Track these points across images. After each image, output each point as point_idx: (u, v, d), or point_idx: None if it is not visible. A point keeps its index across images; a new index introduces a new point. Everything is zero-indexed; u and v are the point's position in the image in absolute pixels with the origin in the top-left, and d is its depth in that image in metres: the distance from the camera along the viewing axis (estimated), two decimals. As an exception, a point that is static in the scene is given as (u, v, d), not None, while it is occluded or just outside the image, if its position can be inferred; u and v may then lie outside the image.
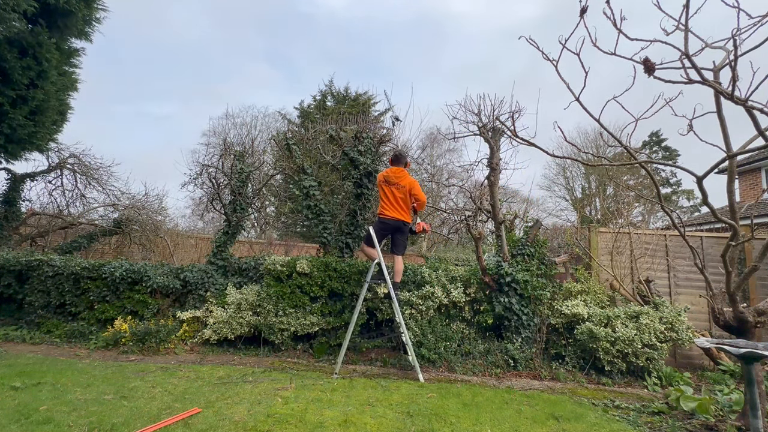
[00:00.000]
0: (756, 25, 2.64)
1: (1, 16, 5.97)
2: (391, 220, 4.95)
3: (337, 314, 5.37)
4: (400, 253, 5.09)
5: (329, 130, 6.58)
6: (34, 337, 5.60)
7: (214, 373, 4.38)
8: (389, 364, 5.04)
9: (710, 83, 2.82)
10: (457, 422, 3.24)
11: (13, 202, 8.16)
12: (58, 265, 6.06)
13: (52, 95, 7.25)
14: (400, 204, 4.97)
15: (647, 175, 3.67)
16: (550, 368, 4.91)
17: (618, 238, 5.98)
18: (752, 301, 5.74)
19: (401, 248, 5.10)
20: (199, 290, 5.88)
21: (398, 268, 5.00)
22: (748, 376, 2.81)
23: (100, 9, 7.81)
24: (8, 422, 2.89)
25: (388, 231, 5.07)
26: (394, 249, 5.12)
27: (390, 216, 4.95)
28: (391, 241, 5.19)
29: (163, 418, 3.05)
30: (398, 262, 5.03)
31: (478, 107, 5.77)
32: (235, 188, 6.48)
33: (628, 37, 2.80)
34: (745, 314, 3.45)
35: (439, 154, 21.94)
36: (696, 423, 3.46)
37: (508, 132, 4.16)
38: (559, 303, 5.24)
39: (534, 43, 3.10)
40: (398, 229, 5.02)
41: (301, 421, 3.11)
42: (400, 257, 5.09)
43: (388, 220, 4.96)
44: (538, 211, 24.24)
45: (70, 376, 4.04)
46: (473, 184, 8.68)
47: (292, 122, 20.89)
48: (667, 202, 5.49)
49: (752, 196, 12.65)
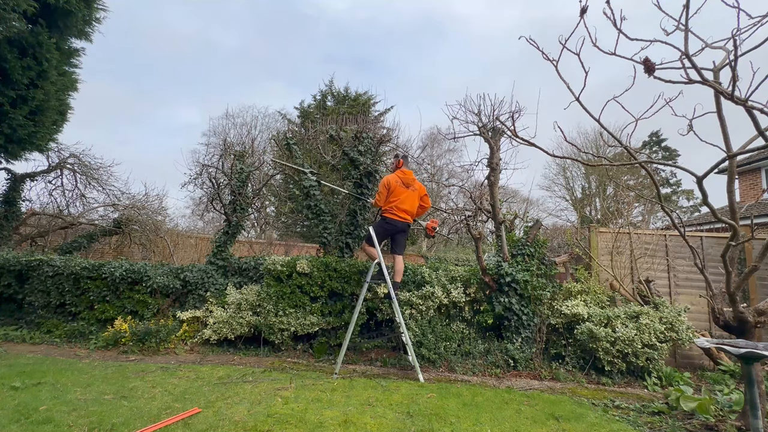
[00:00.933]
0: (756, 25, 2.64)
1: (1, 16, 5.97)
2: (401, 222, 4.97)
3: (337, 314, 5.37)
4: (401, 253, 5.10)
5: (329, 130, 6.58)
6: (34, 337, 5.61)
7: (214, 373, 4.38)
8: (389, 364, 5.04)
9: (710, 83, 2.82)
10: (457, 422, 3.24)
11: (13, 202, 8.16)
12: (58, 265, 6.06)
13: (52, 95, 7.25)
14: (413, 206, 5.03)
15: (647, 175, 3.67)
16: (550, 368, 4.91)
17: (618, 238, 5.98)
18: (752, 301, 5.74)
19: (402, 248, 5.11)
20: (199, 290, 5.89)
21: (399, 268, 5.01)
22: (748, 376, 2.81)
23: (100, 9, 7.81)
24: (8, 422, 2.89)
25: (393, 231, 5.07)
26: (396, 249, 5.12)
27: (401, 218, 4.96)
28: (393, 241, 5.19)
29: (163, 418, 3.05)
30: (399, 261, 5.03)
31: (478, 107, 5.76)
32: (235, 188, 6.48)
33: (628, 37, 2.80)
34: (745, 314, 3.45)
35: (440, 154, 21.98)
36: (696, 423, 3.46)
37: (508, 132, 4.16)
38: (559, 303, 5.24)
39: (534, 43, 3.10)
40: (404, 230, 5.05)
41: (301, 421, 3.11)
42: (401, 257, 5.09)
43: (397, 221, 4.96)
44: (538, 211, 24.30)
45: (70, 376, 4.05)
46: (473, 184, 8.68)
47: (292, 122, 20.90)
48: (667, 202, 5.49)
49: (752, 196, 12.65)
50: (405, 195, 4.96)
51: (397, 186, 4.98)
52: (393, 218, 4.95)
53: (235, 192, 6.47)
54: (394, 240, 5.13)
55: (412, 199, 5.02)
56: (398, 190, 4.97)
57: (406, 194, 4.97)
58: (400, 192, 4.96)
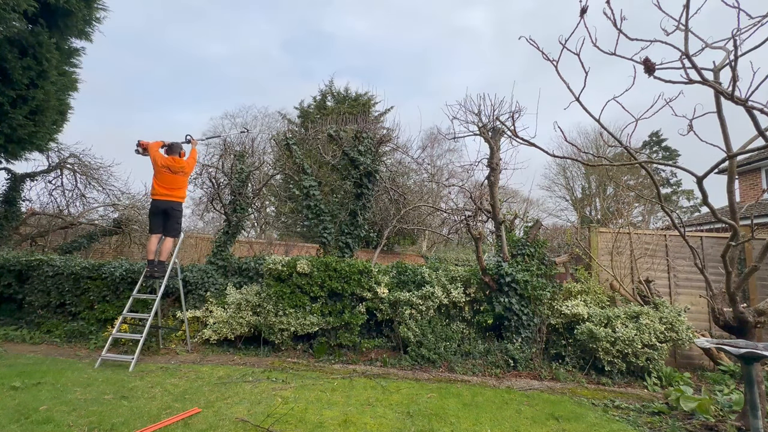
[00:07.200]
0: (756, 25, 2.64)
1: (2, 16, 5.96)
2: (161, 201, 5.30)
3: (337, 314, 5.37)
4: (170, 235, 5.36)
5: (329, 129, 6.58)
6: (34, 337, 5.60)
7: (214, 373, 4.38)
8: (389, 364, 5.04)
9: (710, 83, 2.82)
10: (457, 422, 3.24)
11: (13, 202, 8.15)
12: (58, 265, 6.06)
13: (52, 95, 7.24)
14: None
15: (647, 175, 3.67)
16: (550, 368, 4.91)
17: (618, 238, 5.98)
18: (752, 301, 5.74)
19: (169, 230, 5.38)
20: (199, 290, 5.88)
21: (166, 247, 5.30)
22: (748, 376, 2.81)
23: (100, 9, 7.80)
24: (8, 422, 2.89)
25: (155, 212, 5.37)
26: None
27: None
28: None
29: (163, 418, 3.05)
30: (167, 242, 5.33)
31: (478, 107, 5.77)
32: (235, 188, 6.48)
33: (628, 37, 2.80)
34: (745, 314, 3.45)
35: (440, 154, 21.95)
36: (696, 423, 3.46)
37: (508, 132, 4.16)
38: (559, 303, 5.24)
39: (534, 43, 3.10)
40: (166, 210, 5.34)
41: (301, 421, 3.11)
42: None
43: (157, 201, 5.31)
44: (538, 211, 24.30)
45: (70, 376, 4.04)
46: (473, 184, 8.69)
47: (292, 122, 20.88)
48: (667, 202, 5.49)
49: (752, 196, 12.63)
50: (170, 178, 5.21)
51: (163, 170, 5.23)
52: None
53: (235, 192, 6.47)
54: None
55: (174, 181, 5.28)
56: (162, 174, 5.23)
57: (171, 177, 5.21)
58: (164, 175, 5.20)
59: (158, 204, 5.17)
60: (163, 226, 5.23)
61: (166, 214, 5.21)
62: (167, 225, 5.24)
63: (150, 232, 5.28)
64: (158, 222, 5.21)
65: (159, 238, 5.23)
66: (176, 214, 5.28)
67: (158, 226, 5.21)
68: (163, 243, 5.23)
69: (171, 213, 5.22)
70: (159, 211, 5.19)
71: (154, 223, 5.21)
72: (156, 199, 5.18)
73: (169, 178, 5.19)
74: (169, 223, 5.24)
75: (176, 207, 5.27)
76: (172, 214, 5.23)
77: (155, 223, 5.21)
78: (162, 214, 5.20)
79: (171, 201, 5.21)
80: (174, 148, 5.39)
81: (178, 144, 5.46)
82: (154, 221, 5.22)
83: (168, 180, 5.19)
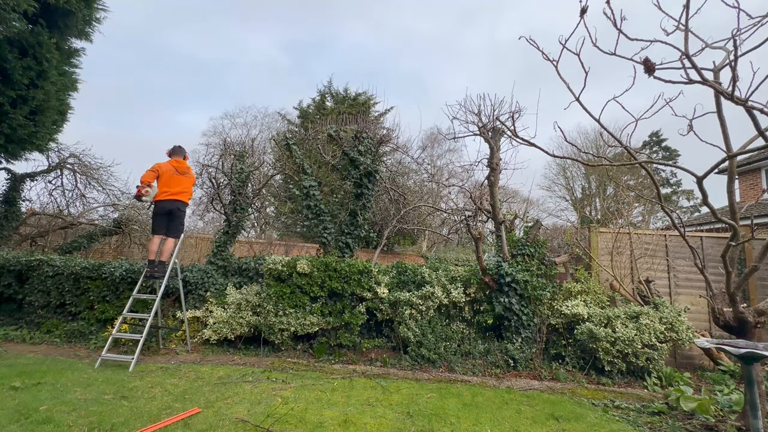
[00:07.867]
0: (756, 25, 2.64)
1: (2, 16, 5.96)
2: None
3: (337, 314, 5.37)
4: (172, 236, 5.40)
5: (329, 130, 6.58)
6: (34, 337, 5.60)
7: (214, 373, 4.38)
8: (389, 364, 5.04)
9: (710, 83, 2.82)
10: (457, 422, 3.24)
11: (13, 202, 8.15)
12: (58, 265, 6.06)
13: (52, 95, 7.24)
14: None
15: (647, 175, 3.67)
16: (550, 368, 4.91)
17: (618, 239, 5.98)
18: (752, 301, 5.74)
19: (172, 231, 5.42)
20: (199, 290, 5.88)
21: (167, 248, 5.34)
22: (748, 376, 2.81)
23: (100, 9, 7.80)
24: (8, 422, 2.89)
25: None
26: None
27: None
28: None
29: (163, 418, 3.05)
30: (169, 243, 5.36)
31: (478, 107, 5.78)
32: (235, 188, 6.48)
33: (628, 37, 2.80)
34: (745, 314, 3.45)
35: (440, 154, 21.96)
36: (696, 423, 3.46)
37: (508, 132, 4.16)
38: (559, 303, 5.24)
39: (534, 43, 3.10)
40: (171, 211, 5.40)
41: (301, 421, 3.11)
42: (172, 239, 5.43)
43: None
44: (538, 211, 24.30)
45: (70, 376, 4.04)
46: (473, 184, 8.70)
47: (292, 122, 20.87)
48: (667, 203, 5.49)
49: (752, 196, 12.63)
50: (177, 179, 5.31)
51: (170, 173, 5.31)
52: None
53: (235, 192, 6.47)
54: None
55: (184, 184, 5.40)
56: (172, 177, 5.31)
57: (177, 179, 5.31)
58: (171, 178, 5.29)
59: (164, 205, 5.19)
60: (167, 227, 5.25)
61: (171, 215, 5.23)
62: (171, 225, 5.26)
63: (153, 233, 5.29)
64: (162, 223, 5.23)
65: (161, 238, 5.25)
66: (180, 214, 5.31)
67: (162, 226, 5.23)
68: (165, 243, 5.24)
69: (176, 213, 5.25)
70: (164, 212, 5.20)
71: (158, 223, 5.22)
72: (162, 200, 5.18)
73: (176, 179, 5.23)
74: (173, 224, 5.27)
75: (181, 207, 5.31)
76: (176, 215, 5.26)
77: (159, 223, 5.22)
78: (167, 215, 5.22)
79: (177, 201, 5.23)
80: (177, 151, 5.45)
81: (181, 148, 5.52)
82: (158, 222, 5.23)
83: (175, 181, 5.22)
